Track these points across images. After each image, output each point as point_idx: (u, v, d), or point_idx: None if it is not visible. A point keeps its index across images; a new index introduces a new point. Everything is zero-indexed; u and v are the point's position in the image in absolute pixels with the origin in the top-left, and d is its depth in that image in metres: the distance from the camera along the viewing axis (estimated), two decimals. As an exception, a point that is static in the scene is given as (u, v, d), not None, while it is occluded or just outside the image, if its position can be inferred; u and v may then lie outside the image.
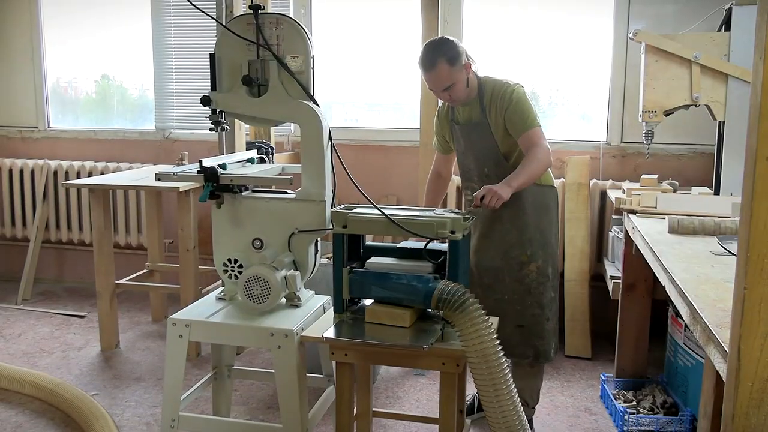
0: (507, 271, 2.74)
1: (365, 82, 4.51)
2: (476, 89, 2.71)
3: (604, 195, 4.00)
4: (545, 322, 2.76)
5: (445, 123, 2.88)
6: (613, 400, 3.06)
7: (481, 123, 2.70)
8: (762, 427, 1.06)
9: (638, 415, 2.92)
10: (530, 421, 2.89)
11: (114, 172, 4.66)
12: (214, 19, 2.73)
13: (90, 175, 4.76)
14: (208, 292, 3.30)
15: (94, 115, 5.15)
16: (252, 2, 2.44)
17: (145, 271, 4.24)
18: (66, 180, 4.76)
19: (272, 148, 3.04)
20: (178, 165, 3.88)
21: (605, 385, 3.21)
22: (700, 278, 1.90)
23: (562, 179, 3.97)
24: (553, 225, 2.79)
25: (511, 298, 2.74)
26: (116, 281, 3.84)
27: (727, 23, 3.17)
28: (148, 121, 4.94)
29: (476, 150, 2.75)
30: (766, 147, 0.97)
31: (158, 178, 2.46)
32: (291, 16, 2.44)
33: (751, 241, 1.02)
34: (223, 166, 2.44)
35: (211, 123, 2.50)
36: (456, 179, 4.20)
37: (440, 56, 2.58)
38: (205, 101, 2.44)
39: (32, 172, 4.92)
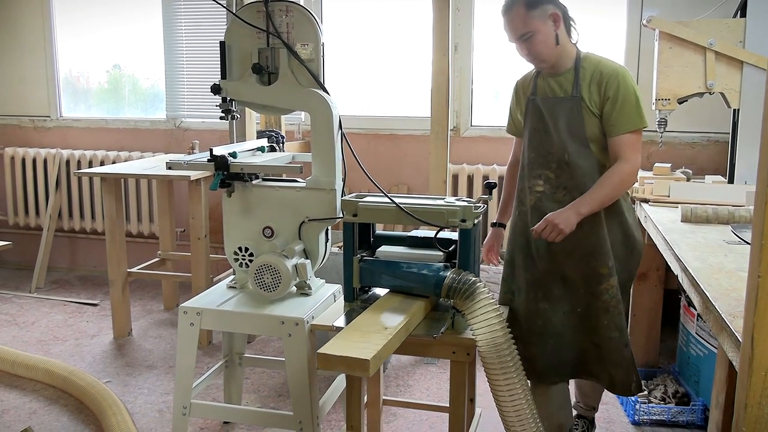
0: (582, 282, 2.31)
1: (376, 70, 4.49)
2: (573, 59, 2.29)
3: (616, 184, 3.96)
4: (623, 348, 2.32)
5: (522, 99, 2.44)
6: (625, 389, 3.05)
7: (571, 97, 2.26)
8: (775, 416, 1.06)
9: (649, 405, 2.91)
10: (592, 422, 2.74)
11: (125, 161, 4.68)
12: (224, 7, 2.73)
13: (102, 164, 4.78)
14: (219, 281, 3.32)
15: (106, 105, 5.16)
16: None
17: (156, 259, 4.26)
18: (78, 169, 4.78)
19: (282, 137, 3.04)
20: (189, 154, 3.89)
21: (616, 375, 3.20)
22: (713, 267, 1.88)
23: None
24: (630, 234, 2.36)
25: (585, 312, 2.34)
26: (128, 270, 3.86)
27: (742, 9, 3.13)
28: (160, 111, 4.95)
29: (559, 129, 2.28)
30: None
31: (169, 166, 2.47)
32: (301, 3, 2.42)
33: (765, 229, 1.01)
34: (234, 155, 2.44)
35: (222, 111, 2.50)
36: (468, 168, 4.20)
37: None
38: (216, 89, 2.44)
39: (45, 161, 4.95)
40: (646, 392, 3.06)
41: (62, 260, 5.18)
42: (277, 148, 2.86)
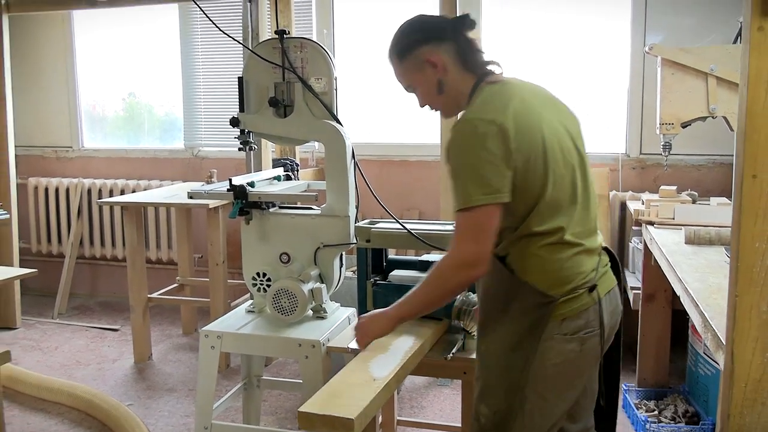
0: None
1: (388, 98, 4.58)
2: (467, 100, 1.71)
3: (624, 206, 4.03)
4: None
5: None
6: (635, 409, 3.08)
7: None
8: (755, 425, 1.13)
9: (660, 425, 2.94)
10: None
11: (145, 189, 4.80)
12: (241, 43, 2.85)
13: (122, 192, 4.91)
14: (236, 306, 3.40)
15: (122, 133, 5.31)
16: (277, 27, 2.57)
17: (175, 285, 4.36)
18: (99, 198, 4.92)
19: (297, 165, 3.15)
20: (208, 182, 4.00)
21: (627, 395, 3.23)
22: (712, 287, 1.94)
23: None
24: (534, 361, 1.60)
25: None
26: (148, 295, 3.96)
27: (742, 35, 3.21)
28: (176, 139, 5.09)
29: None
30: (751, 166, 1.04)
31: (190, 196, 2.57)
32: (314, 36, 2.54)
33: (740, 252, 1.09)
34: (252, 184, 2.55)
35: (240, 143, 2.61)
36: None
37: (392, 47, 1.84)
38: (234, 122, 2.56)
39: (67, 190, 5.09)
40: (656, 412, 3.10)
41: (84, 287, 5.30)
42: (292, 176, 2.97)
